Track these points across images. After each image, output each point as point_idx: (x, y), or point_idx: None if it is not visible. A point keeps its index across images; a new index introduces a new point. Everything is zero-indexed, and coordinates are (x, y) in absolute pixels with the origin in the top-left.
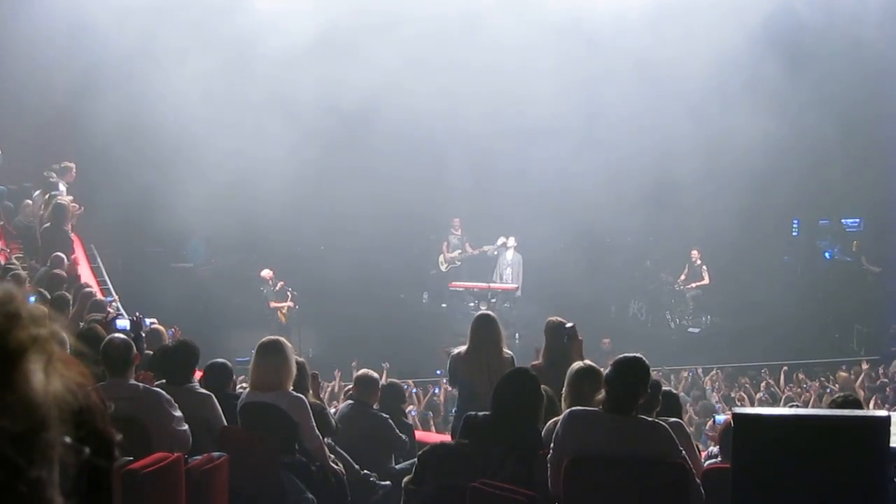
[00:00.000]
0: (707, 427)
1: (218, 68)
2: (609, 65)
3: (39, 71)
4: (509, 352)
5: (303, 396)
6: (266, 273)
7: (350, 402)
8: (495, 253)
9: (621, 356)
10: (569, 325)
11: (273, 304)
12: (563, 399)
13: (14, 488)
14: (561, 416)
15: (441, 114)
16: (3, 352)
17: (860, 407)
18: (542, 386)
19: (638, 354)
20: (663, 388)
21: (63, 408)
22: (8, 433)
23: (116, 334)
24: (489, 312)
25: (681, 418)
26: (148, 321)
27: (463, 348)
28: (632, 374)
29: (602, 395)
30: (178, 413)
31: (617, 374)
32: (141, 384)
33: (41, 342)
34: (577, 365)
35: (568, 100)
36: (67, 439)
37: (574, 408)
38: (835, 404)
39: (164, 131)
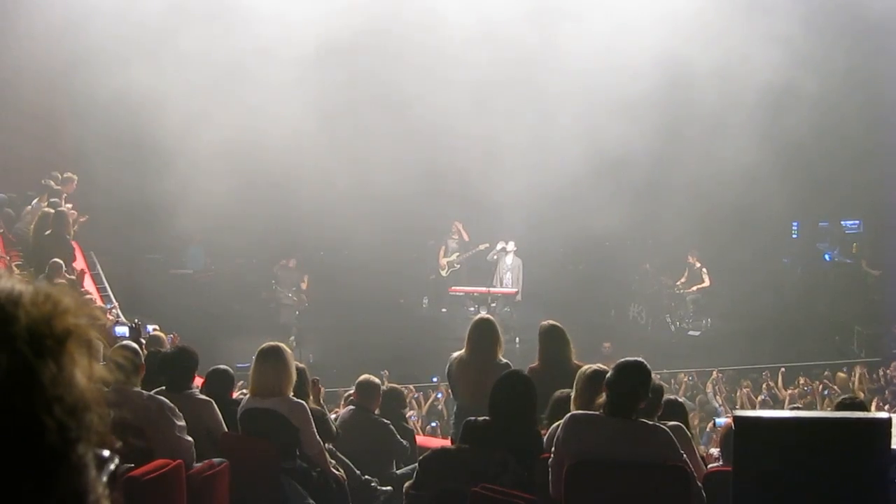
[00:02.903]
0: (708, 429)
1: (210, 65)
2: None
3: (38, 79)
4: (504, 359)
5: (303, 402)
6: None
7: (351, 407)
8: (494, 258)
9: (623, 360)
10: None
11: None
12: (572, 402)
13: (68, 457)
14: (562, 420)
15: (439, 116)
16: (51, 334)
17: (865, 410)
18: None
19: (639, 358)
20: (667, 396)
21: (102, 394)
22: (64, 404)
23: (126, 341)
24: (488, 317)
25: (686, 424)
26: (149, 327)
27: (460, 353)
28: (633, 378)
29: (603, 398)
30: (182, 422)
31: (618, 378)
32: (145, 392)
33: (81, 329)
34: (586, 368)
35: (562, 102)
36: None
37: (575, 411)
38: (841, 406)
39: (162, 137)
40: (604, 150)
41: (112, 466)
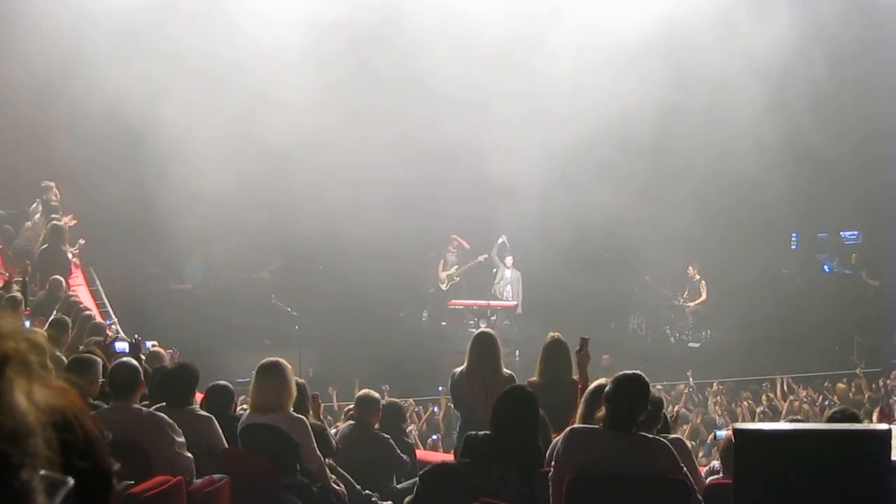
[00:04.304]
0: (709, 440)
1: (209, 82)
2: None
3: (33, 94)
4: (508, 371)
5: (303, 417)
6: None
7: (351, 422)
8: (496, 270)
9: (621, 373)
10: (585, 336)
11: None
12: (578, 416)
13: (9, 485)
14: (562, 434)
15: (440, 122)
16: None
17: (857, 420)
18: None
19: (637, 371)
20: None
21: (46, 417)
22: (2, 431)
23: (125, 359)
24: (488, 330)
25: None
26: (149, 343)
27: (462, 367)
28: (632, 391)
29: (602, 412)
30: (181, 439)
31: (616, 391)
32: (144, 408)
33: (21, 354)
34: (596, 383)
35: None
36: (45, 472)
37: (574, 425)
38: (833, 419)
39: (158, 150)
40: (601, 157)
41: (65, 491)
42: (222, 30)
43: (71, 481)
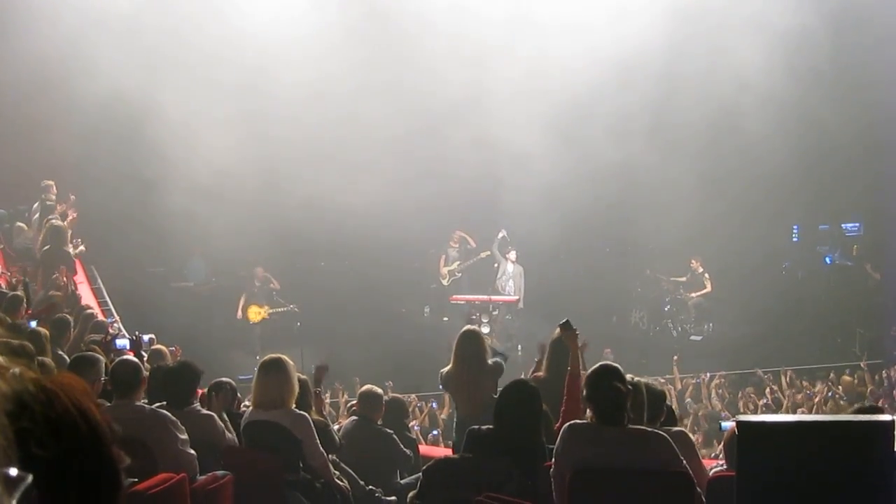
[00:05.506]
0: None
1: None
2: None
3: (33, 91)
4: (494, 359)
5: (306, 414)
6: (258, 271)
7: (354, 418)
8: (497, 265)
9: (590, 369)
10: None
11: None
12: None
13: None
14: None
15: (440, 123)
16: None
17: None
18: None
19: (606, 361)
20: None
21: None
22: None
23: (126, 356)
24: (472, 328)
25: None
26: (146, 337)
27: (449, 367)
28: (605, 381)
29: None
30: (184, 436)
31: (592, 386)
32: (147, 406)
33: None
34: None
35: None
36: (12, 471)
37: (573, 421)
38: (861, 413)
39: (159, 149)
40: (597, 159)
41: (23, 486)
42: (217, 14)
43: (30, 478)
